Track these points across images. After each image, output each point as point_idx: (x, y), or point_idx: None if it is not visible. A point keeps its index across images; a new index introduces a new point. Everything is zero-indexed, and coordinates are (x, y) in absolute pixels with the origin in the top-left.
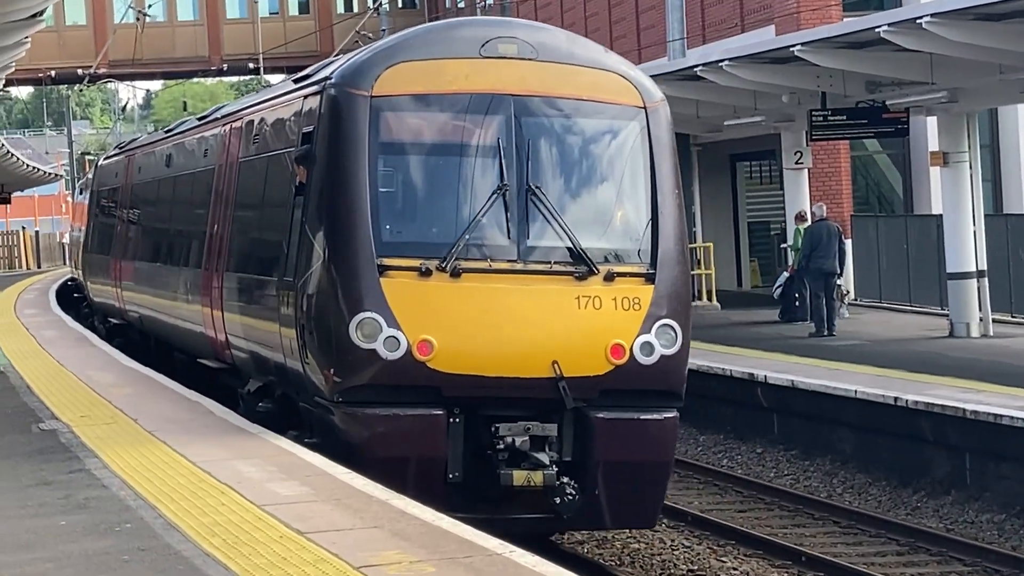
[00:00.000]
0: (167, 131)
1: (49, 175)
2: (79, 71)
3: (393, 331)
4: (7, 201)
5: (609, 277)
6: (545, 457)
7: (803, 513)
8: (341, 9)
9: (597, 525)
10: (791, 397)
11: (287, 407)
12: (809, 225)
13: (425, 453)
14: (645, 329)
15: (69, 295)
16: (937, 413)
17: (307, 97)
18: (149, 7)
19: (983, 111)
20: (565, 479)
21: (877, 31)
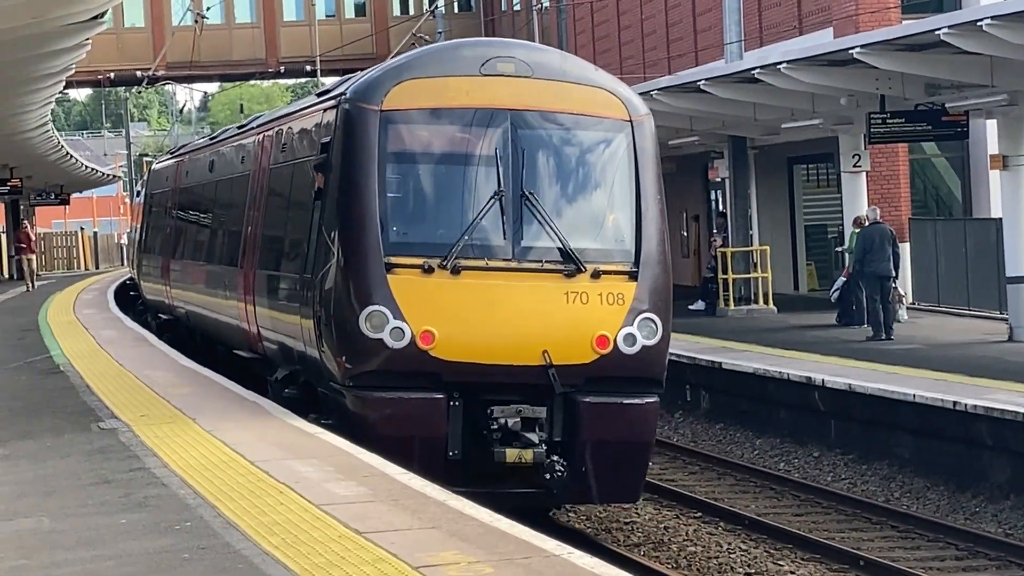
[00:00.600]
0: (211, 139)
1: (107, 176)
2: (137, 73)
3: (399, 322)
4: (66, 202)
5: (596, 275)
6: (535, 437)
7: (860, 517)
8: (397, 12)
9: (585, 500)
10: (849, 401)
11: (309, 393)
12: (862, 229)
13: (427, 433)
14: (628, 322)
15: (128, 295)
16: (996, 418)
17: (325, 111)
18: (207, 10)
19: None
20: (554, 457)
21: (937, 33)
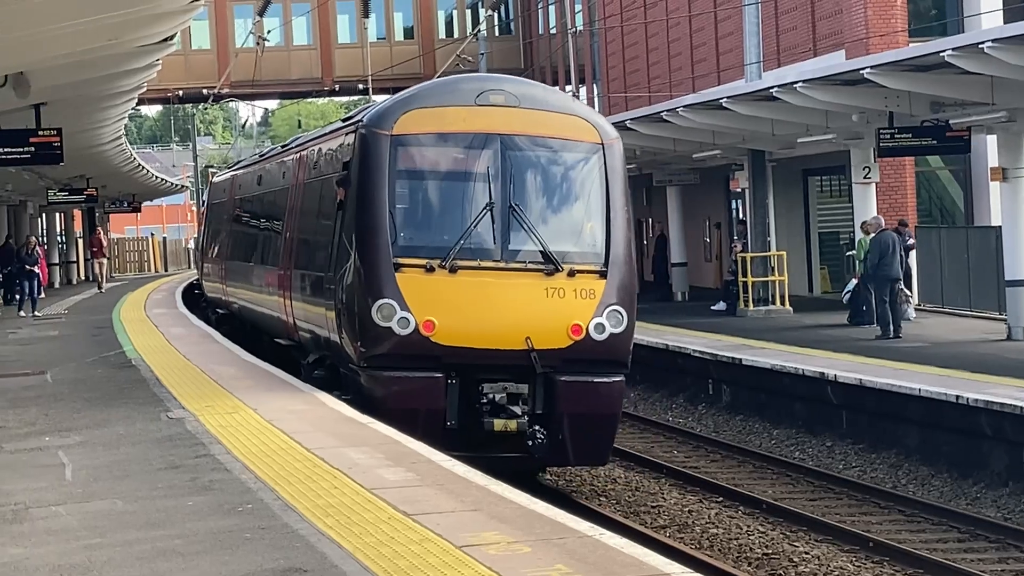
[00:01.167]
0: (260, 156)
1: (175, 186)
2: (204, 91)
3: (405, 313)
4: (138, 210)
5: (571, 273)
6: (519, 409)
7: (870, 502)
8: (443, 35)
9: (562, 462)
10: (859, 395)
11: (334, 374)
12: (875, 235)
13: (429, 406)
14: (598, 313)
15: (194, 296)
16: (995, 411)
17: (346, 135)
18: (268, 33)
19: None
20: (536, 427)
21: (942, 55)
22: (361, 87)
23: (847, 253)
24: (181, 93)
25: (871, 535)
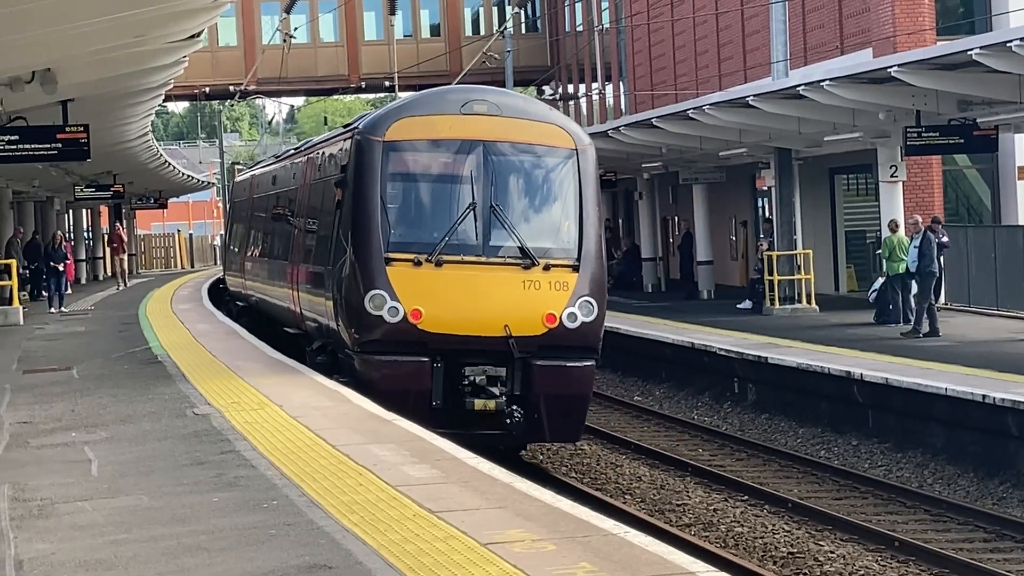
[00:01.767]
0: (275, 158)
1: (202, 183)
2: (230, 88)
3: (394, 303)
4: (164, 206)
5: (546, 267)
6: (497, 391)
7: (896, 502)
8: (469, 32)
9: (538, 439)
10: (885, 394)
11: (334, 359)
12: (922, 233)
13: (417, 387)
14: (571, 303)
15: (220, 292)
16: (1022, 410)
17: (345, 140)
18: (295, 30)
19: None
20: (514, 407)
21: (969, 53)
22: (387, 84)
23: (876, 252)
24: (208, 90)
25: (897, 534)
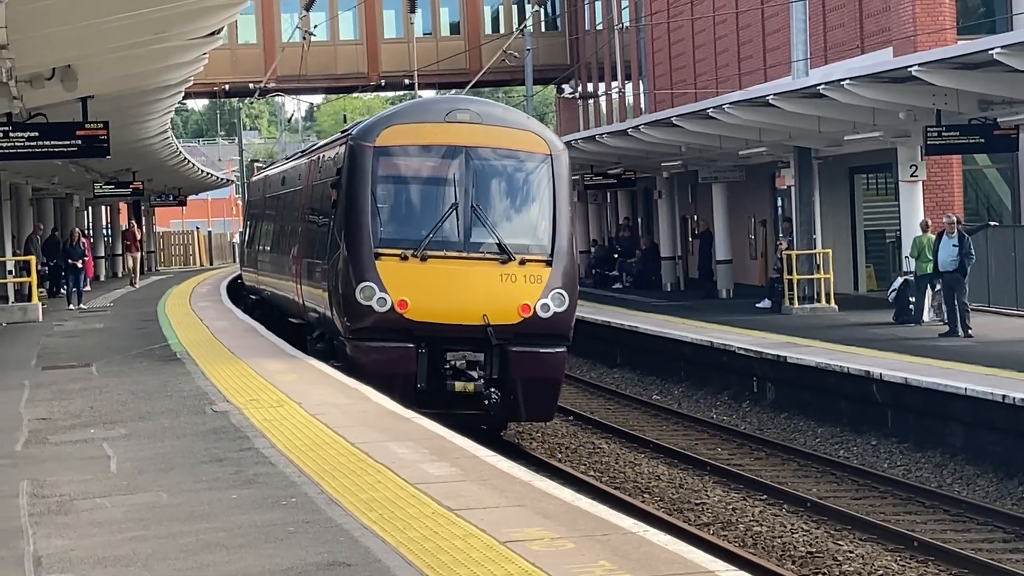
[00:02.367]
0: (285, 159)
1: (221, 180)
2: (250, 85)
3: (383, 294)
4: (183, 203)
5: (522, 262)
6: (476, 374)
7: (915, 502)
8: (489, 30)
9: (515, 419)
10: (904, 393)
11: (331, 346)
12: (965, 232)
13: (403, 371)
14: (544, 295)
15: (239, 290)
16: None
17: (340, 145)
18: (314, 27)
19: None
20: (491, 389)
21: (990, 53)
22: (407, 82)
23: (905, 255)
24: (227, 87)
25: (916, 534)
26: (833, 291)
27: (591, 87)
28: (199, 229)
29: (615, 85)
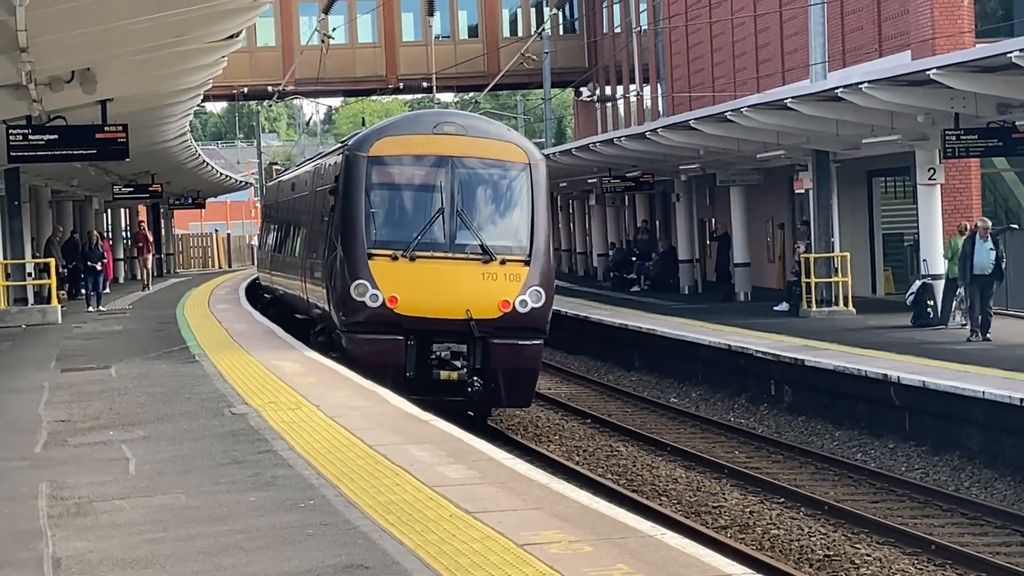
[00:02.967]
0: (296, 166)
1: (239, 183)
2: (268, 88)
3: (375, 291)
4: (202, 206)
5: (502, 262)
6: (460, 364)
7: (932, 505)
8: (507, 33)
9: (496, 405)
10: (922, 397)
11: (330, 339)
12: (999, 233)
13: (393, 361)
14: (522, 292)
15: (257, 292)
16: None
17: (339, 155)
18: (333, 30)
19: None
20: (474, 378)
21: (1008, 56)
22: (425, 85)
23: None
24: (246, 90)
25: (933, 538)
26: (851, 294)
27: (609, 90)
28: (217, 232)
29: (633, 88)
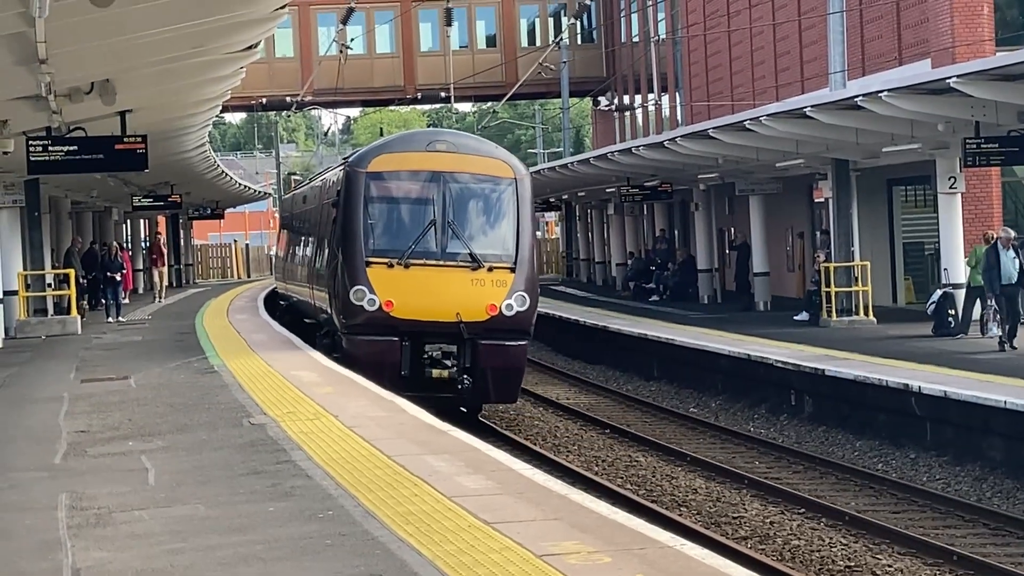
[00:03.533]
0: (308, 180)
1: (258, 193)
2: (287, 99)
3: (372, 295)
4: (221, 216)
5: (490, 269)
6: (450, 363)
7: (954, 515)
8: (525, 43)
9: (485, 401)
10: (944, 406)
11: (333, 340)
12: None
13: (389, 360)
14: (508, 297)
15: (276, 302)
16: None
17: (340, 170)
18: (351, 41)
19: None
20: (464, 376)
21: None
22: (443, 95)
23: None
24: (265, 100)
25: (955, 548)
26: (871, 303)
27: (627, 99)
28: (236, 242)
29: (651, 97)
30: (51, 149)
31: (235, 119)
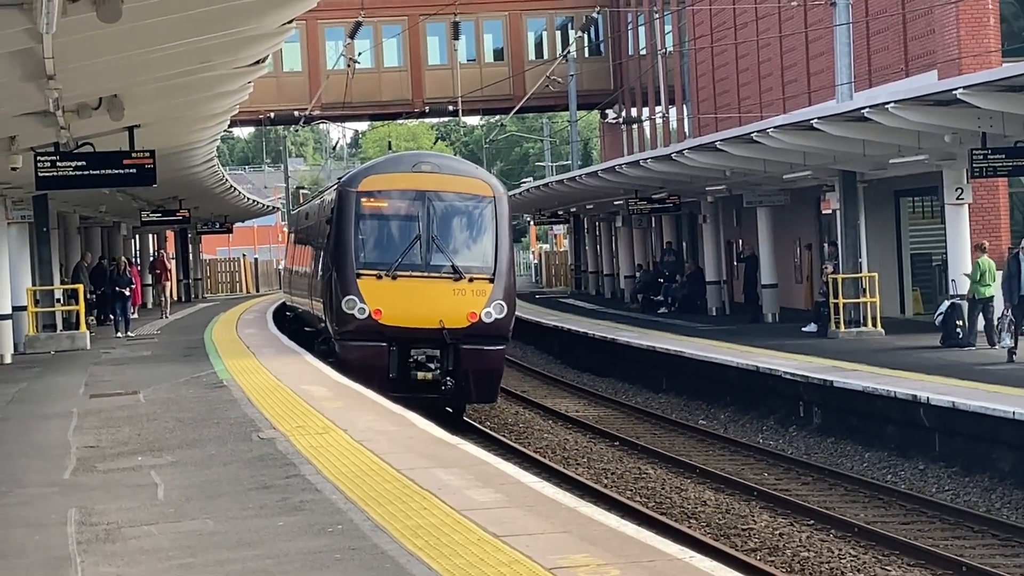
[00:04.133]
0: (312, 197)
1: (267, 208)
2: (295, 113)
3: (362, 304)
4: (229, 231)
5: (470, 280)
6: (434, 366)
7: (963, 526)
8: (532, 56)
9: (467, 401)
10: (952, 417)
11: (329, 346)
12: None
13: (378, 364)
14: (487, 305)
15: (284, 315)
16: None
17: (334, 190)
18: (359, 55)
19: None
20: (447, 378)
21: None
22: (451, 109)
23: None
24: (273, 115)
25: (964, 559)
26: (879, 315)
27: (635, 112)
28: (245, 256)
29: (659, 110)
30: (59, 165)
31: (243, 133)
